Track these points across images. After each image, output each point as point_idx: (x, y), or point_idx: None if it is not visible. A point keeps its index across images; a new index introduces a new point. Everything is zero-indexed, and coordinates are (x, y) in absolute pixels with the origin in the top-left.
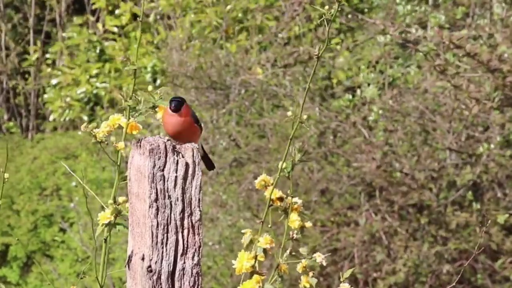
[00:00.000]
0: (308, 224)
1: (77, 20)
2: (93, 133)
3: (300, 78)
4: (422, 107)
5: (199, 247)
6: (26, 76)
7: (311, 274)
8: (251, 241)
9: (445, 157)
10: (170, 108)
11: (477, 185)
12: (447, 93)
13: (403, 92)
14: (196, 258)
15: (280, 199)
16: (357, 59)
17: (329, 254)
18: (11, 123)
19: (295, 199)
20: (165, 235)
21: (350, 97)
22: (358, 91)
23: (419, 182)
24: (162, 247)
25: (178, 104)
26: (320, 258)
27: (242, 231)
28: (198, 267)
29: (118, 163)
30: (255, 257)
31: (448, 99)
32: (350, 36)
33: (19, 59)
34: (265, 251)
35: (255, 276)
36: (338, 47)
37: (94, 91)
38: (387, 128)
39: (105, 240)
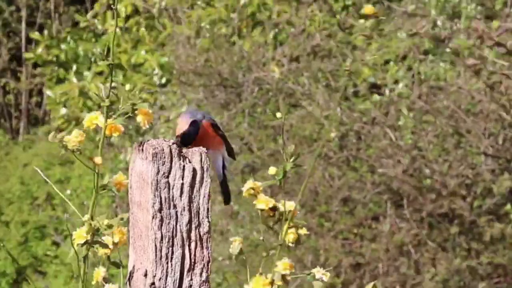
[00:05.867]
0: (303, 230)
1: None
2: (64, 143)
3: (320, 75)
4: (454, 107)
5: (208, 262)
6: (18, 74)
7: None
8: (241, 252)
9: (480, 162)
10: (179, 137)
11: None
12: (483, 91)
13: (434, 90)
14: (204, 275)
15: (273, 209)
16: (383, 52)
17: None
18: None
19: (290, 206)
20: (170, 248)
21: (377, 97)
22: (384, 90)
23: (449, 188)
24: (167, 262)
25: (188, 139)
26: (319, 273)
27: (231, 239)
28: (206, 284)
29: (97, 171)
30: (272, 282)
31: (483, 97)
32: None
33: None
34: (283, 277)
35: None
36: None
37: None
38: (416, 130)
39: (84, 259)
